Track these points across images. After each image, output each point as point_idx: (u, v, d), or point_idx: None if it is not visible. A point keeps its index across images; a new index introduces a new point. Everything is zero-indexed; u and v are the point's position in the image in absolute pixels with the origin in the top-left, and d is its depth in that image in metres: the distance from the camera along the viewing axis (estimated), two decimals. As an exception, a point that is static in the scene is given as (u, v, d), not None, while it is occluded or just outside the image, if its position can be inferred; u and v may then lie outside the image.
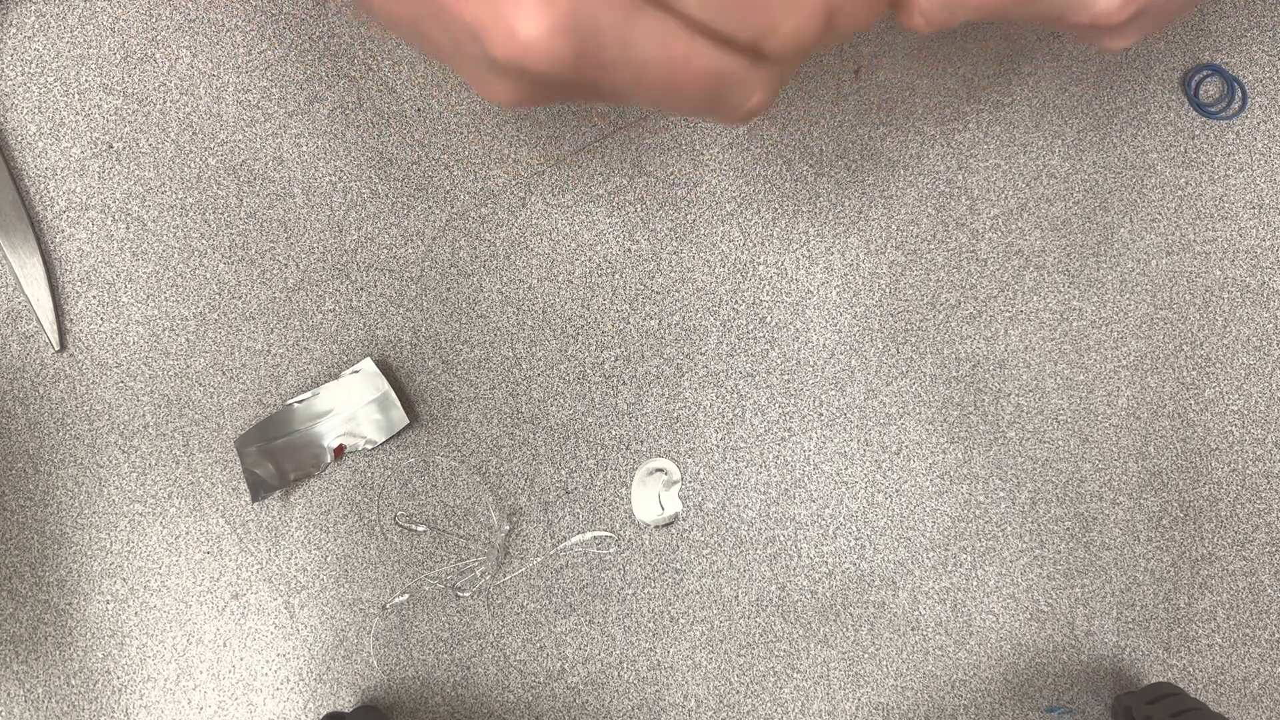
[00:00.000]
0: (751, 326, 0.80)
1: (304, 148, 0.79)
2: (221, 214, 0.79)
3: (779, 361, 0.80)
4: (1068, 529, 0.80)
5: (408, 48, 0.81)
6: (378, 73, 0.80)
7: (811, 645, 0.79)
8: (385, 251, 0.79)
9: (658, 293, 0.80)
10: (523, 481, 0.79)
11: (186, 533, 0.78)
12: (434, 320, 0.79)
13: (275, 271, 0.79)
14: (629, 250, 0.80)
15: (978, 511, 0.80)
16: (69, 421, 0.78)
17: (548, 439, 0.79)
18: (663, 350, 0.80)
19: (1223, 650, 0.79)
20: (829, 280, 0.81)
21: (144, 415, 0.78)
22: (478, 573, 0.78)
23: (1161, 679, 0.79)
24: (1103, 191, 0.81)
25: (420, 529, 0.78)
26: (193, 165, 0.79)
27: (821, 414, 0.80)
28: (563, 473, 0.79)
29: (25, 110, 0.78)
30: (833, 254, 0.81)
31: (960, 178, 0.81)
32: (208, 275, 0.78)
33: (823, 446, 0.80)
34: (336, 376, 0.77)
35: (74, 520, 0.77)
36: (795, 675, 0.79)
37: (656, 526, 0.79)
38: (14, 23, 0.79)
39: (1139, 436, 0.80)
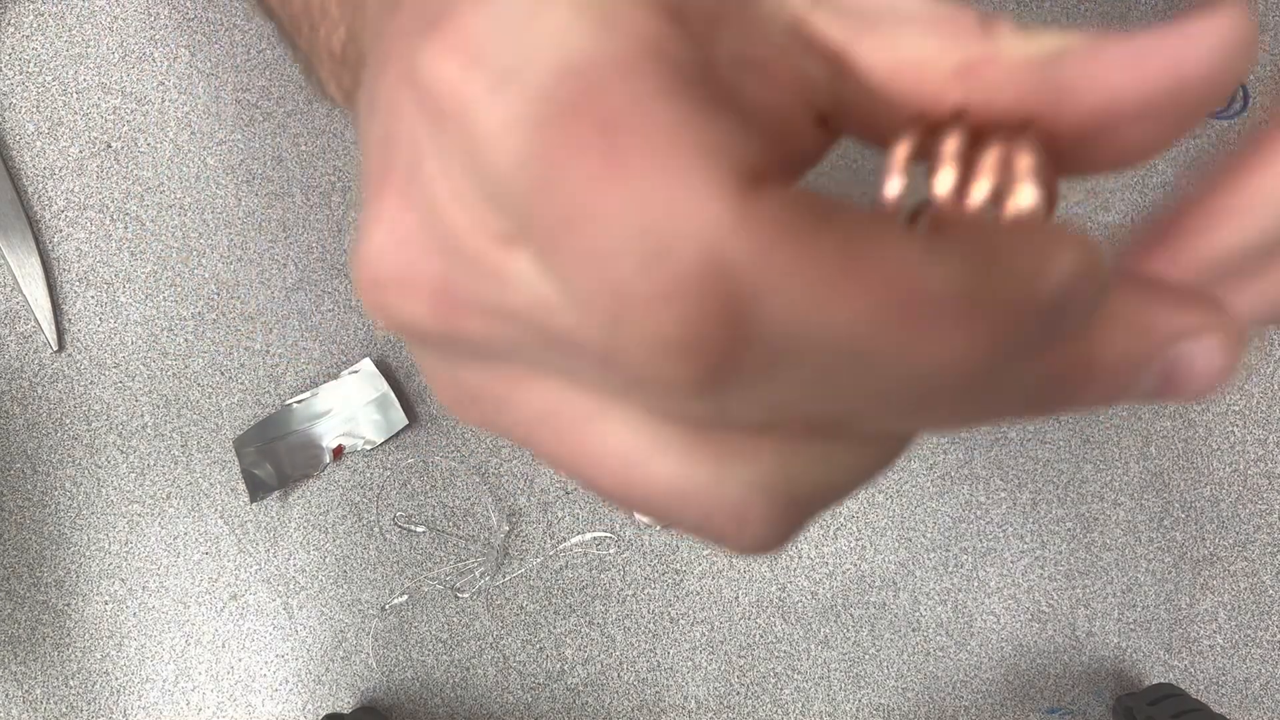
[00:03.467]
0: (752, 326, 0.80)
1: (303, 148, 0.79)
2: (220, 214, 0.78)
3: (779, 362, 0.80)
4: (1069, 529, 0.79)
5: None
6: (377, 72, 0.80)
7: (812, 646, 0.79)
8: (384, 251, 0.79)
9: (658, 293, 0.80)
10: (523, 481, 0.79)
11: (185, 533, 0.77)
12: (433, 320, 0.79)
13: (274, 271, 0.79)
14: (629, 250, 0.80)
15: (979, 512, 0.80)
16: (67, 422, 0.77)
17: (547, 439, 0.79)
18: (663, 350, 0.80)
19: (1224, 651, 0.79)
20: (829, 280, 0.81)
21: (142, 415, 0.78)
22: (477, 573, 0.78)
23: (1163, 680, 0.79)
24: (1103, 192, 0.81)
25: (420, 529, 0.78)
26: (191, 165, 0.78)
27: (822, 414, 0.80)
28: (562, 473, 0.79)
29: (24, 110, 0.78)
30: (833, 254, 0.81)
31: (961, 178, 0.81)
32: (206, 275, 0.78)
33: (823, 447, 0.80)
34: (335, 377, 0.77)
35: (72, 521, 0.77)
36: (796, 676, 0.79)
37: (657, 527, 0.79)
38: (12, 22, 0.78)
39: (1140, 436, 0.80)
